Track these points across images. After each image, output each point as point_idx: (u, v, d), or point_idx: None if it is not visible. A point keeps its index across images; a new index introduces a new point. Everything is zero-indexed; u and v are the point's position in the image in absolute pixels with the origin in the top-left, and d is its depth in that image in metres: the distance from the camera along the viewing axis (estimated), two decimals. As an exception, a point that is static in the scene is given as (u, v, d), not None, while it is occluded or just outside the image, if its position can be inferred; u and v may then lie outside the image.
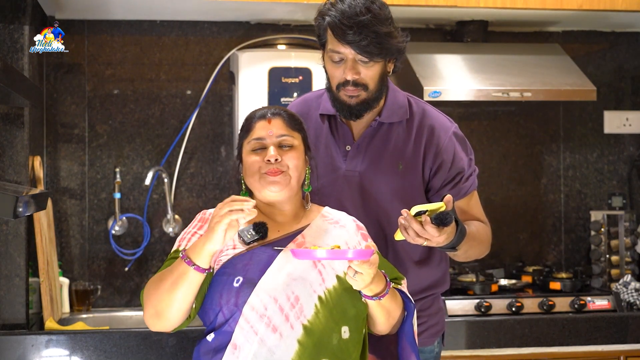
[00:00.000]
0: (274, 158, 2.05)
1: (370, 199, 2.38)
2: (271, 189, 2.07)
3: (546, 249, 3.97)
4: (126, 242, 3.67)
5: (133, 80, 3.70)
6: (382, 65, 2.31)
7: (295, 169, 2.09)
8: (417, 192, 2.39)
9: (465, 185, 2.42)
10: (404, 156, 2.38)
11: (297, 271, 2.01)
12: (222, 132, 3.73)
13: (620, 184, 4.03)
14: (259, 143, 2.09)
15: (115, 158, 3.67)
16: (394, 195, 2.37)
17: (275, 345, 1.95)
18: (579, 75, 3.64)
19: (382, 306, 2.03)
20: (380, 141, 2.39)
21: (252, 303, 1.97)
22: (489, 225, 2.48)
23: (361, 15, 2.22)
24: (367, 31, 2.22)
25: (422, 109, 2.44)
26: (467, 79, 3.54)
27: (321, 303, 2.00)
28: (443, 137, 2.39)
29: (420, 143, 2.38)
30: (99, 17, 3.64)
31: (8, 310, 3.00)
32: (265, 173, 2.06)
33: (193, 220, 2.13)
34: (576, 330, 3.26)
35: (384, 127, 2.40)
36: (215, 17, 3.69)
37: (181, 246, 2.05)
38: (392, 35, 2.26)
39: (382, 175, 2.37)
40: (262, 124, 2.10)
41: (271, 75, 3.50)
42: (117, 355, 2.93)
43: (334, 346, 1.99)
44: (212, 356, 2.00)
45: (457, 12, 3.58)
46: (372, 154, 2.39)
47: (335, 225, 2.15)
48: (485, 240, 2.43)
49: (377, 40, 2.23)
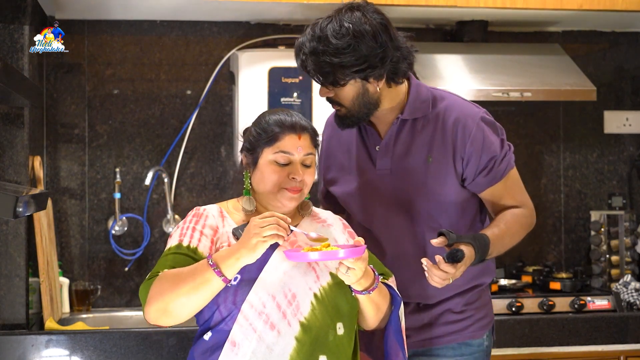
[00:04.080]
0: (300, 178, 2.08)
1: (402, 196, 2.39)
2: (286, 204, 2.11)
3: (546, 249, 3.97)
4: (126, 242, 3.67)
5: (133, 80, 3.70)
6: (357, 85, 2.30)
7: (309, 187, 2.14)
8: (449, 184, 2.38)
9: (501, 169, 2.40)
10: (433, 149, 2.38)
11: (294, 269, 2.04)
12: (222, 132, 3.73)
13: (620, 184, 4.03)
14: (285, 157, 2.10)
15: (115, 158, 3.67)
16: (426, 189, 2.37)
17: (274, 343, 1.97)
18: (579, 75, 3.64)
19: (371, 300, 2.07)
20: (407, 137, 2.40)
21: (250, 301, 1.99)
22: (528, 205, 2.46)
23: (312, 42, 2.26)
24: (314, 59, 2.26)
25: (447, 99, 2.44)
26: (467, 79, 3.54)
27: (317, 300, 2.03)
28: (471, 124, 2.37)
29: (448, 134, 2.38)
30: (99, 17, 3.64)
31: (8, 310, 3.00)
32: (285, 188, 2.09)
33: (187, 216, 2.13)
34: (576, 330, 3.26)
35: (408, 123, 2.40)
36: (215, 17, 3.69)
37: (184, 242, 2.04)
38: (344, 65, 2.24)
39: (412, 170, 2.38)
40: (291, 138, 2.10)
41: (271, 75, 3.50)
42: (117, 355, 2.93)
43: (330, 342, 2.02)
44: (209, 355, 2.01)
45: (457, 12, 3.58)
46: (400, 150, 2.40)
47: (323, 224, 2.20)
48: (522, 226, 2.43)
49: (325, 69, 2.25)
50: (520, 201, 2.46)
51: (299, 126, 2.11)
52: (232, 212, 2.15)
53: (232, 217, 2.13)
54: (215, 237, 2.08)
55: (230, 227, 2.10)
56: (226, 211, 2.15)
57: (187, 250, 2.03)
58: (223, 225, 2.10)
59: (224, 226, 2.10)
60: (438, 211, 2.39)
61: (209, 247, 2.05)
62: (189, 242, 2.04)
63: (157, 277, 1.98)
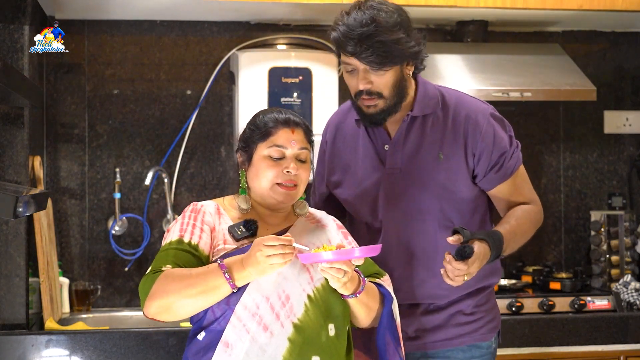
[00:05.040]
0: (295, 171, 2.09)
1: (413, 194, 2.38)
2: (281, 201, 2.11)
3: (546, 249, 3.97)
4: (126, 242, 3.67)
5: (133, 80, 3.70)
6: (397, 71, 2.30)
7: (304, 183, 2.14)
8: (461, 181, 2.38)
9: (510, 165, 2.41)
10: (444, 145, 2.38)
11: (287, 270, 2.04)
12: (222, 132, 3.73)
13: (620, 184, 4.03)
14: (279, 151, 2.10)
15: (115, 158, 3.67)
16: (438, 187, 2.37)
17: (267, 344, 1.98)
18: (579, 75, 3.64)
19: (360, 302, 2.08)
20: (416, 135, 2.39)
21: (244, 302, 1.99)
22: (536, 201, 2.47)
23: (365, 26, 2.22)
24: (369, 42, 2.22)
25: (455, 96, 2.44)
26: (467, 79, 3.54)
27: (310, 301, 2.03)
28: (481, 121, 2.38)
29: (459, 131, 2.38)
30: (99, 17, 3.64)
31: (8, 310, 3.00)
32: (279, 183, 2.09)
33: (185, 211, 2.13)
34: (576, 330, 3.26)
35: (418, 120, 2.40)
36: (215, 17, 3.69)
37: (185, 238, 2.04)
38: (399, 42, 2.24)
39: (423, 167, 2.38)
40: (285, 132, 2.11)
41: (271, 75, 3.50)
42: (117, 355, 2.93)
43: (322, 343, 2.03)
44: (202, 355, 2.02)
45: (457, 12, 3.58)
46: (410, 148, 2.39)
47: (318, 225, 2.21)
48: (532, 223, 2.43)
49: (382, 49, 2.22)
50: (529, 198, 2.46)
51: (292, 121, 2.13)
52: (228, 209, 2.16)
53: (229, 215, 2.14)
54: (212, 235, 2.08)
55: (227, 225, 2.10)
56: (223, 208, 2.15)
57: (189, 247, 2.03)
58: (220, 222, 2.11)
59: (220, 224, 2.10)
60: (450, 209, 2.38)
61: (208, 245, 2.06)
62: (190, 238, 2.05)
63: (162, 274, 1.98)
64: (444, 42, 3.86)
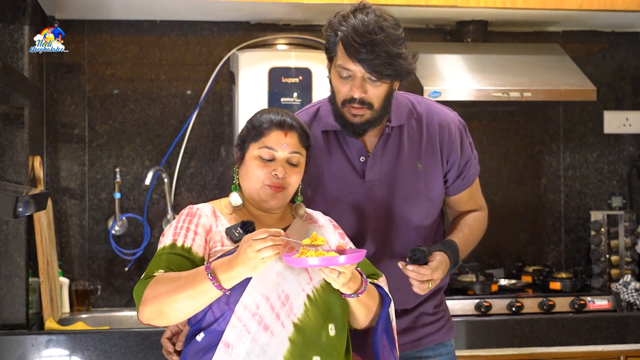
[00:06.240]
0: (282, 175, 2.08)
1: (392, 205, 2.37)
2: (268, 201, 2.11)
3: (546, 249, 3.97)
4: (126, 242, 3.67)
5: (133, 80, 3.70)
6: (390, 85, 2.28)
7: (294, 186, 2.13)
8: (437, 188, 2.40)
9: (472, 172, 2.45)
10: (421, 155, 2.38)
11: (287, 270, 2.03)
12: (222, 132, 3.73)
13: (620, 184, 4.03)
14: (269, 153, 2.10)
15: (115, 158, 3.67)
16: (417, 196, 2.37)
17: (267, 344, 1.97)
18: (579, 75, 3.64)
19: (360, 302, 2.07)
20: (394, 145, 2.38)
21: (244, 302, 1.98)
22: (484, 208, 2.53)
23: (374, 34, 2.17)
24: (379, 50, 2.17)
25: (424, 104, 2.44)
26: (467, 79, 3.54)
27: (310, 301, 2.03)
28: (453, 129, 2.40)
29: (434, 139, 2.38)
30: (99, 17, 3.64)
31: (8, 310, 3.00)
32: (267, 185, 2.09)
33: (180, 215, 2.12)
34: (576, 330, 3.26)
35: (394, 130, 2.38)
36: (215, 17, 3.69)
37: (178, 242, 2.03)
38: (402, 57, 2.21)
39: (403, 178, 2.37)
40: (277, 135, 2.10)
41: (271, 75, 3.50)
42: (117, 355, 2.93)
43: (322, 343, 2.02)
44: (201, 356, 2.01)
45: (457, 12, 3.59)
46: (388, 159, 2.37)
47: (314, 225, 2.20)
48: (481, 231, 2.50)
49: (388, 61, 2.19)
50: (480, 205, 2.52)
51: (287, 124, 2.12)
52: (225, 211, 2.15)
53: (225, 217, 2.13)
54: (208, 237, 2.07)
55: (224, 226, 2.10)
56: (219, 210, 2.14)
57: (182, 251, 2.03)
58: (216, 225, 2.10)
59: (217, 226, 2.10)
60: (426, 216, 2.40)
61: (203, 247, 2.05)
62: (183, 241, 2.04)
63: (153, 279, 1.98)
64: (444, 42, 3.86)
